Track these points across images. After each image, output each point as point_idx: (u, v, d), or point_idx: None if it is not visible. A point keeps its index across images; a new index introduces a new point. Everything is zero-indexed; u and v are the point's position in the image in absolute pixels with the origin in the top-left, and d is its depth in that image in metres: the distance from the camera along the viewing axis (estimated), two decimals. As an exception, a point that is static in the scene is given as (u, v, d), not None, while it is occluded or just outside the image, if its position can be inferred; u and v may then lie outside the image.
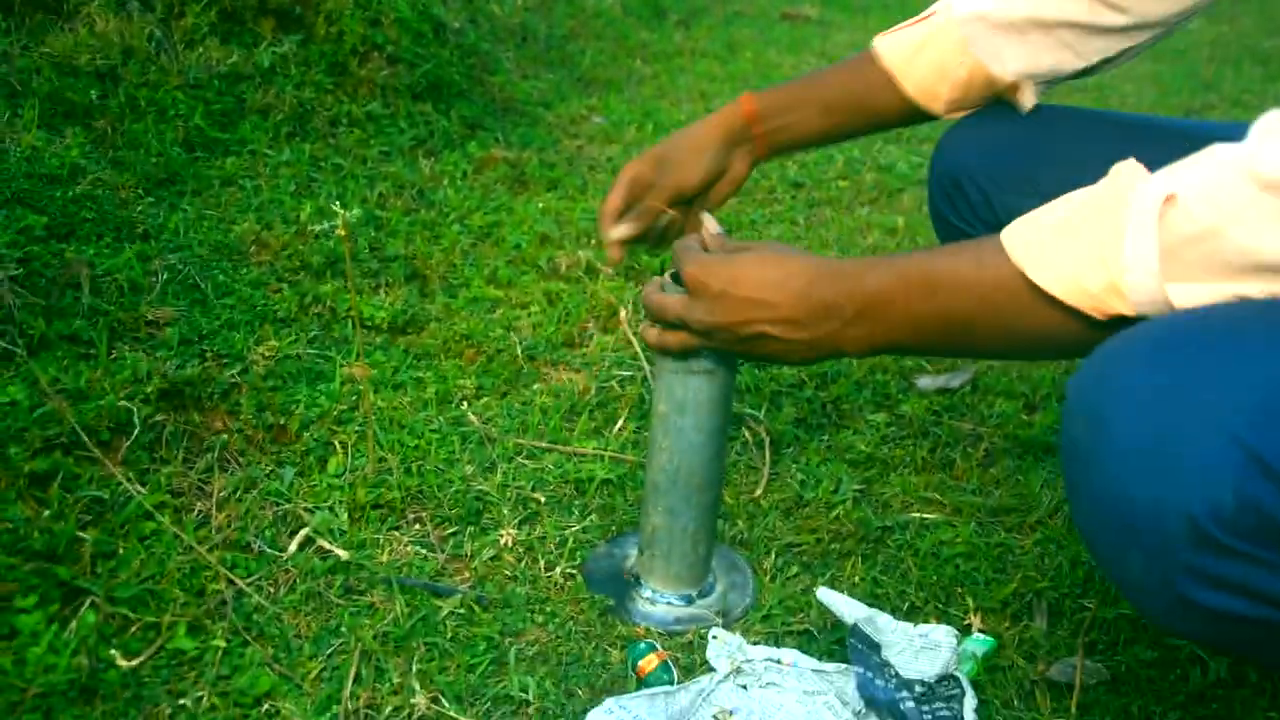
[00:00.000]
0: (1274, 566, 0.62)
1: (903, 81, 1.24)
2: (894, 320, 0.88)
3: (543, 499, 1.42)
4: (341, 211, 1.14)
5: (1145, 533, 0.65)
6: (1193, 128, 1.20)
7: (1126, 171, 0.75)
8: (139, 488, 1.28)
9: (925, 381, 1.83)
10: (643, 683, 1.08)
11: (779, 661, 1.10)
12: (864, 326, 0.90)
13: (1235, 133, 1.13)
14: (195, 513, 1.30)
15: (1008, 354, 0.96)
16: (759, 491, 1.49)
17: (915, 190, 2.80)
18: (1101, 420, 0.67)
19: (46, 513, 1.16)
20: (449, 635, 1.16)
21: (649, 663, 1.09)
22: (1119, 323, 0.73)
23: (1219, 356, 0.65)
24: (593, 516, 1.40)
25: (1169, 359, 0.66)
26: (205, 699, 1.04)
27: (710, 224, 1.11)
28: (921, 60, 1.23)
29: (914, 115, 1.28)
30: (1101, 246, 0.72)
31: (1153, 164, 0.75)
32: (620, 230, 1.24)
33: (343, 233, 1.16)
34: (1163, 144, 1.16)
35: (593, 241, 2.26)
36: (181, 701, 1.04)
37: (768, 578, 1.30)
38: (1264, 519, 0.61)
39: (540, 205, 2.41)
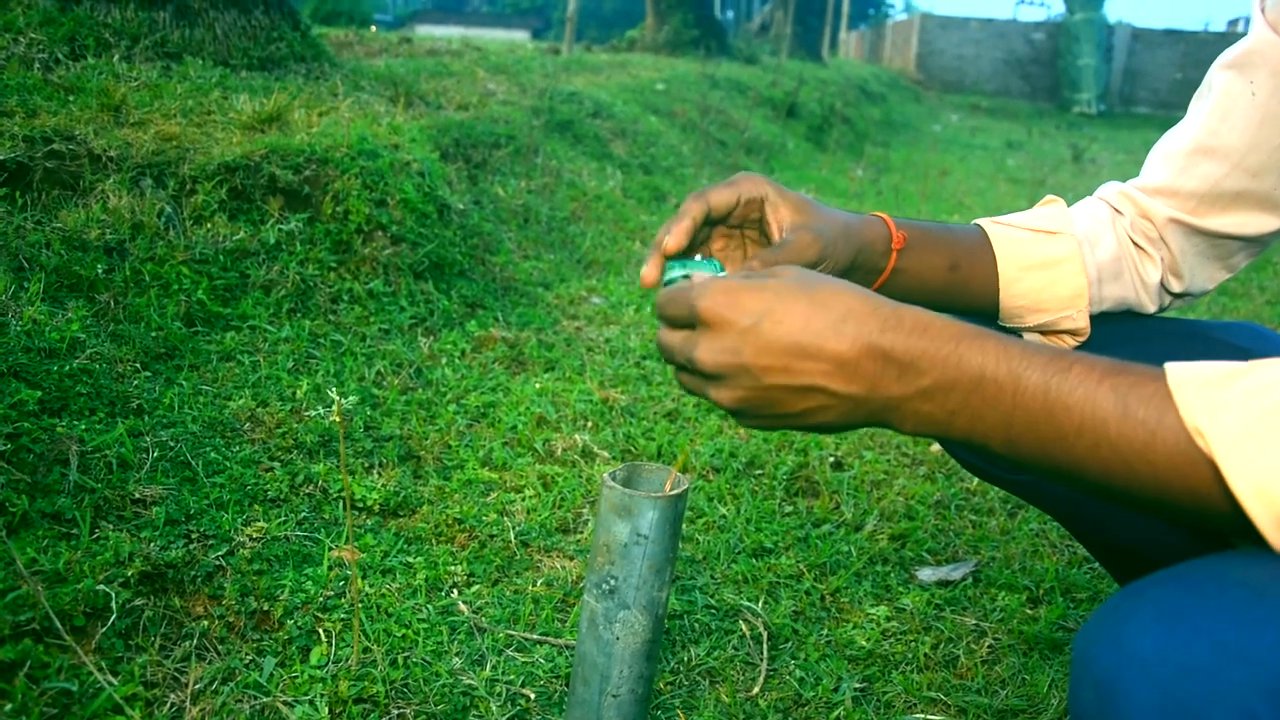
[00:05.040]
0: None
1: (1004, 290, 1.15)
2: (986, 419, 0.74)
3: (533, 695, 1.36)
4: (338, 397, 1.13)
5: None
6: (1192, 326, 1.21)
7: None
8: (110, 678, 1.23)
9: (926, 573, 1.79)
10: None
11: None
12: (940, 404, 0.75)
13: (1235, 334, 1.15)
14: (168, 706, 1.25)
15: (1097, 495, 0.79)
16: (756, 689, 1.43)
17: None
18: (1112, 695, 0.63)
19: (9, 706, 1.10)
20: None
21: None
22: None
23: (1237, 627, 0.61)
24: (583, 715, 1.34)
25: (1184, 629, 0.62)
26: None
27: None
28: (1033, 280, 1.15)
29: (985, 311, 1.19)
30: None
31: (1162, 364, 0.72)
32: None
33: (337, 418, 1.14)
34: (1166, 344, 1.17)
35: (589, 424, 2.25)
36: None
37: (766, 787, 1.24)
38: None
39: (538, 386, 2.41)
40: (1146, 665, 0.62)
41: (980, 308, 1.18)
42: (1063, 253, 1.14)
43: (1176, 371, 0.69)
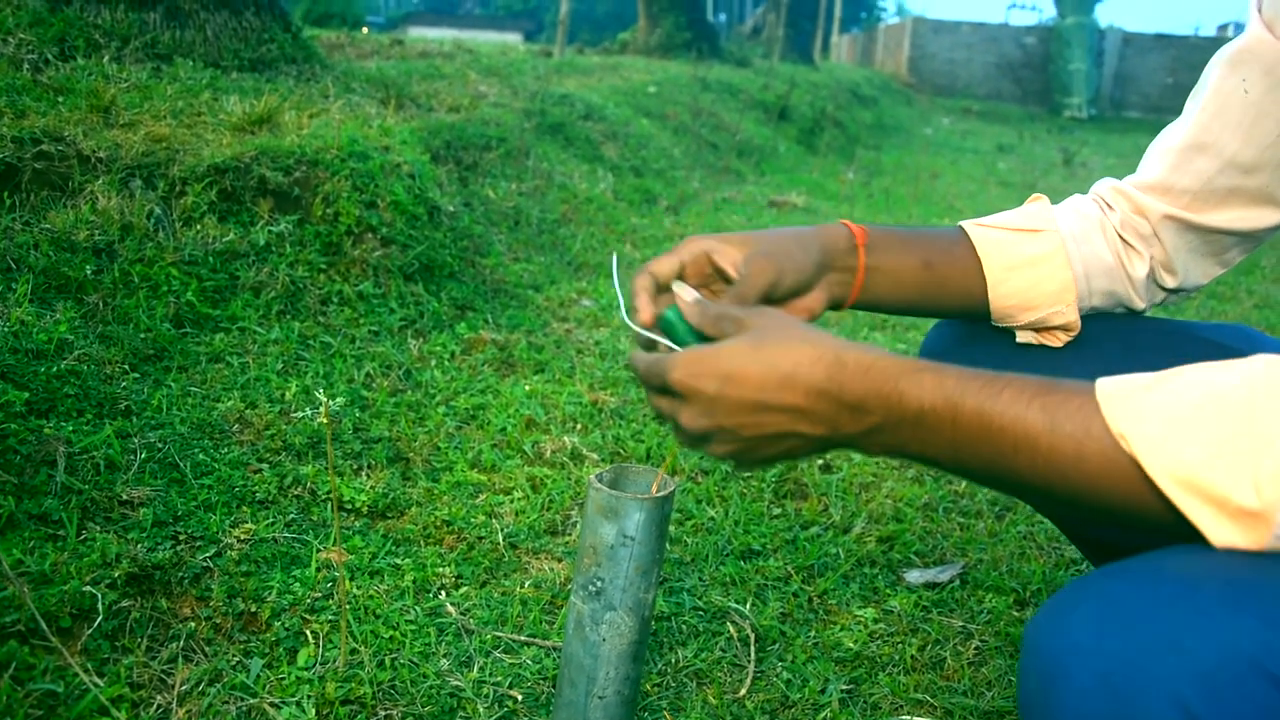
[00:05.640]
0: None
1: (992, 291, 1.17)
2: (934, 445, 0.80)
3: (520, 697, 1.36)
4: (325, 399, 1.13)
5: None
6: (1184, 327, 1.21)
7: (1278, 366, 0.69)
8: (96, 679, 1.23)
9: (914, 575, 1.79)
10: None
11: None
12: (891, 437, 0.81)
13: (1226, 336, 1.16)
14: (155, 707, 1.25)
15: (1048, 507, 0.84)
16: (743, 691, 1.44)
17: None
18: (1054, 680, 0.67)
19: (-5, 708, 1.10)
20: None
21: None
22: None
23: (1171, 619, 0.64)
24: (570, 717, 1.34)
25: (1122, 620, 0.65)
26: None
27: (685, 293, 0.99)
28: (1019, 279, 1.16)
29: (975, 312, 1.21)
30: (1251, 445, 0.66)
31: (1152, 363, 0.75)
32: (686, 291, 1.00)
33: (325, 419, 1.15)
34: (1157, 343, 1.18)
35: (579, 426, 2.25)
36: None
37: (752, 788, 1.24)
38: None
39: (527, 388, 2.41)
40: (1086, 653, 0.66)
41: (966, 308, 1.19)
42: (1046, 249, 1.16)
43: (1104, 384, 0.73)
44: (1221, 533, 0.68)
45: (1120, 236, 1.17)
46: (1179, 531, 0.70)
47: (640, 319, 1.00)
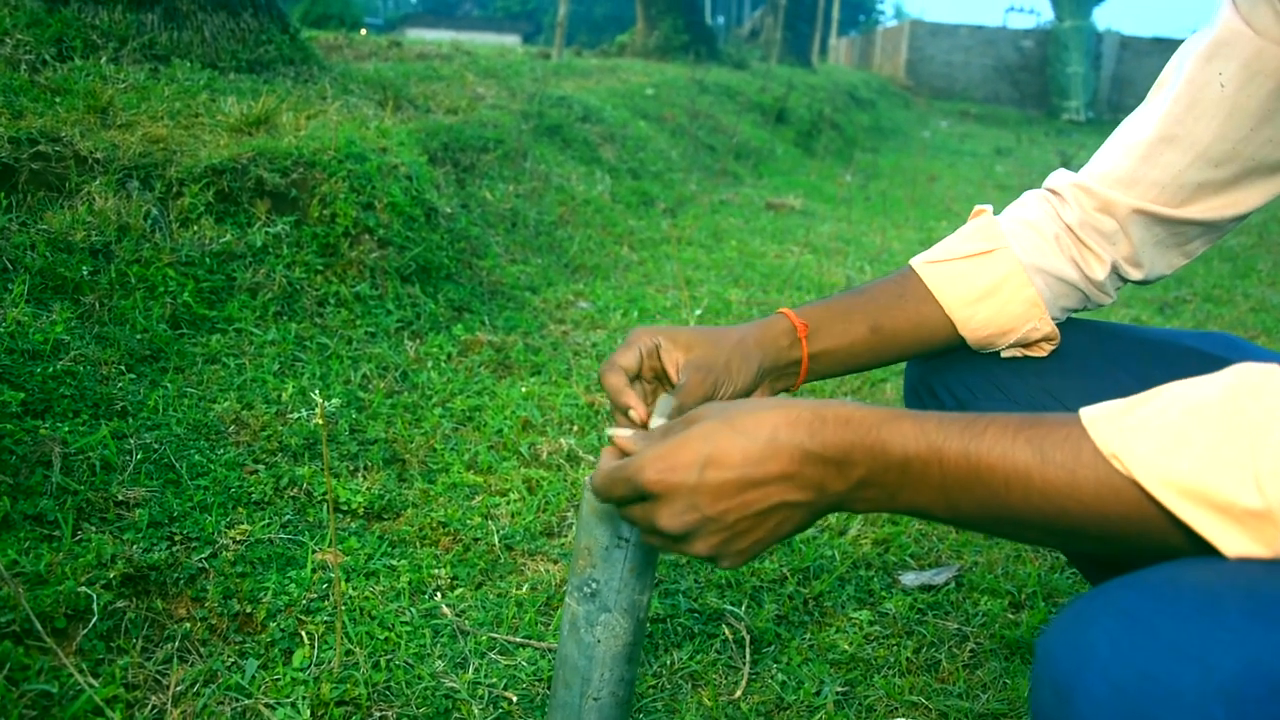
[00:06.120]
0: None
1: (962, 328, 1.19)
2: (924, 492, 0.78)
3: (515, 698, 1.37)
4: (320, 400, 1.13)
5: None
6: (1168, 336, 1.22)
7: (1256, 371, 0.69)
8: (91, 680, 1.23)
9: (909, 578, 1.79)
10: None
11: None
12: (879, 489, 0.80)
13: (1210, 344, 1.16)
14: (149, 708, 1.25)
15: (1052, 542, 0.82)
16: (738, 693, 1.44)
17: (898, 381, 2.82)
18: (1070, 694, 0.64)
19: (-10, 708, 1.10)
20: None
21: None
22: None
23: (1192, 631, 0.62)
24: (565, 718, 1.34)
25: (1141, 632, 0.63)
26: None
27: (621, 432, 0.94)
28: (985, 310, 1.18)
29: (938, 350, 1.23)
30: (1246, 445, 0.66)
31: (1136, 374, 0.75)
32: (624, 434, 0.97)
33: (320, 421, 1.15)
34: (1140, 353, 1.19)
35: (575, 428, 2.26)
36: None
37: (747, 790, 1.24)
38: None
39: (523, 390, 2.41)
40: (1104, 667, 0.63)
41: (926, 350, 1.22)
42: (1003, 272, 1.17)
43: (1088, 411, 0.73)
44: (1230, 540, 0.66)
45: (1078, 238, 1.17)
46: (1183, 551, 0.69)
47: (639, 416, 1.03)
